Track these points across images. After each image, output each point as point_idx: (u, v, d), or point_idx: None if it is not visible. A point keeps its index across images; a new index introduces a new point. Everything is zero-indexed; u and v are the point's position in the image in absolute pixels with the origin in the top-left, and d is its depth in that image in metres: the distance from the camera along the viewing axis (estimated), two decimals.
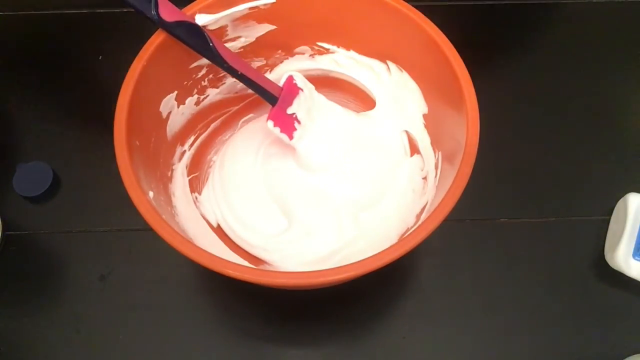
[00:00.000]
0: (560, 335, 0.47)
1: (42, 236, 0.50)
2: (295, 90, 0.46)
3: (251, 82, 0.43)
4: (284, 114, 0.46)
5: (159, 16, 0.38)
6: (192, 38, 0.40)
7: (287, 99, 0.46)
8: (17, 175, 0.50)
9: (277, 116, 0.45)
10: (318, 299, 0.47)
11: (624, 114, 0.57)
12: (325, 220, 0.47)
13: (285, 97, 0.45)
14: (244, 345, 0.46)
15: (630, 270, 0.47)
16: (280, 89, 0.45)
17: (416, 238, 0.34)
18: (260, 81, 0.44)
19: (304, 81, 0.47)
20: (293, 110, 0.46)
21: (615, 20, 0.62)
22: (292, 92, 0.46)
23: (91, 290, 0.47)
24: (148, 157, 0.40)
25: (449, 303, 0.48)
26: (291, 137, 0.46)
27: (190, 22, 0.40)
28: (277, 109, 0.45)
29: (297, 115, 0.46)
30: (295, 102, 0.46)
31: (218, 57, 0.41)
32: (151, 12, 0.37)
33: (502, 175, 0.53)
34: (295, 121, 0.46)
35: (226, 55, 0.41)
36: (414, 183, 0.47)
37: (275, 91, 0.45)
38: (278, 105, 0.45)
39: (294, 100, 0.46)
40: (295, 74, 0.47)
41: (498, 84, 0.59)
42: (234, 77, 0.42)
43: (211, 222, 0.47)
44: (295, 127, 0.46)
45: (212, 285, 0.48)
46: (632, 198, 0.49)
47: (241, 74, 0.42)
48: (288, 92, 0.46)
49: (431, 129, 0.46)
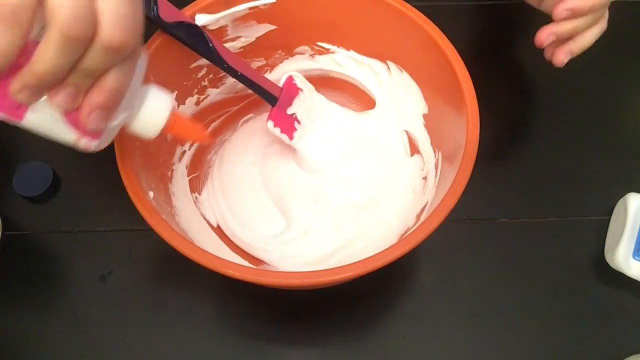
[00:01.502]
0: (560, 335, 0.47)
1: (42, 236, 0.50)
2: (295, 90, 0.46)
3: (251, 82, 0.43)
4: (284, 114, 0.46)
5: (159, 17, 0.38)
6: (192, 38, 0.40)
7: (287, 99, 0.46)
8: (17, 175, 0.50)
9: (277, 116, 0.45)
10: (318, 299, 0.47)
11: (624, 114, 0.57)
12: (324, 220, 0.47)
13: (285, 97, 0.45)
14: (244, 345, 0.46)
15: (630, 270, 0.47)
16: (279, 90, 0.45)
17: (416, 238, 0.34)
18: (259, 81, 0.44)
19: (303, 81, 0.47)
20: (293, 111, 0.46)
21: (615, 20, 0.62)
22: (292, 93, 0.46)
23: (91, 290, 0.47)
24: (148, 157, 0.40)
25: (449, 303, 0.48)
26: (291, 138, 0.46)
27: (190, 22, 0.40)
28: (277, 109, 0.45)
29: (297, 115, 0.46)
30: (295, 102, 0.46)
31: (218, 58, 0.41)
32: (151, 13, 0.37)
33: (502, 175, 0.53)
34: (295, 121, 0.46)
35: (226, 56, 0.41)
36: (414, 183, 0.47)
37: (275, 91, 0.45)
38: (278, 106, 0.45)
39: (294, 101, 0.46)
40: (294, 74, 0.47)
41: (498, 84, 0.59)
42: (233, 77, 0.43)
43: (211, 222, 0.47)
44: (295, 127, 0.46)
45: (212, 285, 0.48)
46: (632, 198, 0.49)
47: (241, 74, 0.42)
48: (288, 92, 0.46)
49: (431, 129, 0.46)
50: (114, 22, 0.26)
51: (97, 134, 0.30)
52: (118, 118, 0.30)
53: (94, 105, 0.28)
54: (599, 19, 0.50)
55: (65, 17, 0.24)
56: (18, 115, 0.28)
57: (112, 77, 0.27)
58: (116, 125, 0.31)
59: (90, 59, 0.26)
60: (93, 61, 0.26)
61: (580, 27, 0.50)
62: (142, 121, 0.32)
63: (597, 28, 0.51)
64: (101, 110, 0.28)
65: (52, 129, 0.29)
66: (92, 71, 0.26)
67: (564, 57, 0.50)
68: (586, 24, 0.50)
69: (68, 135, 0.29)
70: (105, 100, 0.28)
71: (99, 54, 0.26)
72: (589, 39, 0.50)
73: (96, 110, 0.28)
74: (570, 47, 0.50)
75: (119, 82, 0.28)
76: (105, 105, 0.28)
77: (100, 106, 0.28)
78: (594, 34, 0.50)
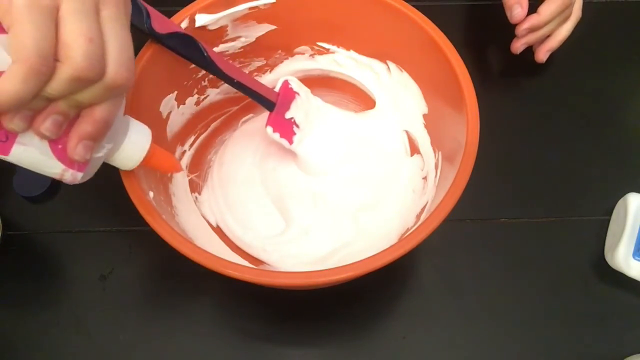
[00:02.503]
0: (560, 335, 0.47)
1: (42, 236, 0.50)
2: (292, 94, 0.46)
3: (248, 89, 0.43)
4: (282, 118, 0.45)
5: (152, 29, 0.38)
6: (186, 48, 0.40)
7: (285, 104, 0.46)
8: (17, 175, 0.50)
9: (276, 121, 0.45)
10: (318, 299, 0.47)
11: (624, 114, 0.57)
12: (324, 220, 0.47)
13: (283, 102, 0.45)
14: (244, 345, 0.46)
15: (630, 270, 0.47)
16: (276, 95, 0.45)
17: (416, 238, 0.34)
18: (256, 88, 0.44)
19: (299, 85, 0.47)
20: (291, 115, 0.46)
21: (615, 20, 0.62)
22: (289, 97, 0.46)
23: (91, 290, 0.47)
24: None
25: (449, 303, 0.48)
26: (291, 142, 0.46)
27: (183, 33, 0.39)
28: (276, 114, 0.45)
29: (295, 119, 0.46)
30: (292, 106, 0.46)
31: (213, 66, 0.41)
32: (144, 25, 0.37)
33: (502, 175, 0.53)
34: (294, 125, 0.46)
35: (221, 64, 0.41)
36: (414, 183, 0.47)
37: (272, 97, 0.45)
38: (276, 111, 0.45)
39: (292, 105, 0.46)
40: (290, 78, 0.47)
41: (498, 84, 0.59)
42: (230, 85, 0.42)
43: (211, 222, 0.47)
44: (294, 131, 0.46)
45: (212, 285, 0.48)
46: (632, 198, 0.49)
47: (237, 82, 0.42)
48: (285, 96, 0.46)
49: (431, 129, 0.46)
50: (121, 64, 0.27)
51: (83, 165, 0.30)
52: (104, 149, 0.31)
53: (83, 135, 0.28)
54: (568, 16, 0.54)
55: (80, 60, 0.25)
56: (5, 150, 0.28)
57: (103, 109, 0.28)
58: (101, 156, 0.31)
59: (89, 93, 0.27)
60: (90, 96, 0.27)
61: (551, 30, 0.54)
62: (125, 152, 0.33)
63: (570, 22, 0.55)
64: (89, 140, 0.29)
65: (39, 162, 0.29)
66: (84, 104, 0.27)
67: (543, 56, 0.56)
68: (557, 25, 0.54)
69: (54, 169, 0.30)
70: (95, 131, 0.28)
71: (100, 91, 0.27)
72: (563, 34, 0.55)
73: (84, 140, 0.28)
74: (548, 46, 0.55)
75: (109, 113, 0.28)
76: (94, 135, 0.29)
77: (89, 136, 0.28)
78: (567, 29, 0.56)
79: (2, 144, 0.28)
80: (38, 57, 0.24)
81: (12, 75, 0.24)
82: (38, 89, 0.25)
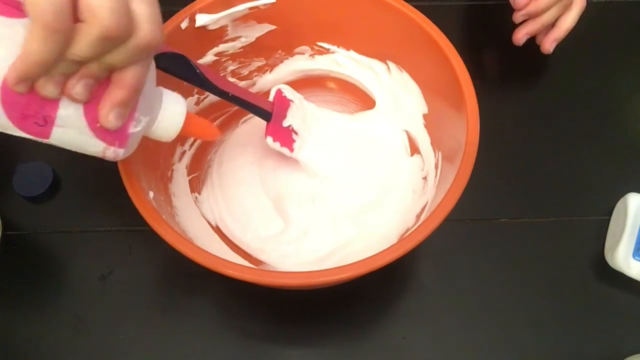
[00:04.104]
0: (560, 335, 0.47)
1: (42, 236, 0.50)
2: (286, 102, 0.46)
3: (243, 102, 0.43)
4: (280, 127, 0.45)
5: None
6: (178, 68, 0.39)
7: (281, 112, 0.46)
8: (17, 175, 0.50)
9: (274, 131, 0.45)
10: (318, 299, 0.47)
11: (624, 114, 0.57)
12: (324, 220, 0.47)
13: (279, 110, 0.45)
14: (244, 345, 0.46)
15: (630, 270, 0.47)
16: (271, 104, 0.45)
17: (416, 238, 0.34)
18: (251, 100, 0.44)
19: (292, 92, 0.47)
20: (288, 123, 0.46)
21: (616, 20, 0.62)
22: (284, 105, 0.46)
23: (91, 290, 0.47)
24: (148, 157, 0.40)
25: (449, 303, 0.48)
26: (292, 150, 0.46)
27: (174, 52, 0.39)
28: (273, 124, 0.45)
29: (293, 126, 0.46)
30: (289, 114, 0.46)
31: (207, 83, 0.40)
32: None
33: (502, 175, 0.53)
34: (292, 133, 0.46)
35: (215, 80, 0.41)
36: (414, 183, 0.47)
37: (268, 107, 0.45)
38: (273, 120, 0.45)
39: (288, 112, 0.46)
40: (282, 86, 0.47)
41: (498, 84, 0.59)
42: (225, 99, 0.42)
43: (211, 222, 0.47)
44: (293, 138, 0.46)
45: (212, 285, 0.48)
46: (632, 198, 0.49)
47: (232, 96, 0.42)
48: (280, 105, 0.46)
49: (431, 129, 0.46)
50: (150, 21, 0.26)
51: (123, 142, 0.30)
52: (141, 122, 0.31)
53: (115, 102, 0.28)
54: (568, 4, 0.53)
55: (107, 18, 0.24)
56: (45, 134, 0.28)
57: (132, 73, 0.28)
58: (139, 130, 0.31)
59: (118, 55, 0.26)
60: (120, 57, 0.26)
61: (552, 17, 0.52)
62: (162, 124, 0.33)
63: (574, 11, 0.53)
64: (120, 108, 0.28)
65: (80, 142, 0.29)
66: (115, 66, 0.27)
67: (549, 46, 0.54)
68: (557, 13, 0.52)
69: (96, 147, 0.30)
70: (126, 96, 0.28)
71: (131, 52, 0.26)
72: (569, 23, 0.54)
73: (116, 108, 0.28)
74: (554, 36, 0.53)
75: (138, 78, 0.28)
76: (125, 101, 0.28)
77: (120, 103, 0.28)
78: (572, 18, 0.54)
79: (41, 128, 0.28)
80: (52, 14, 0.23)
81: (31, 36, 0.24)
82: (59, 49, 0.24)
